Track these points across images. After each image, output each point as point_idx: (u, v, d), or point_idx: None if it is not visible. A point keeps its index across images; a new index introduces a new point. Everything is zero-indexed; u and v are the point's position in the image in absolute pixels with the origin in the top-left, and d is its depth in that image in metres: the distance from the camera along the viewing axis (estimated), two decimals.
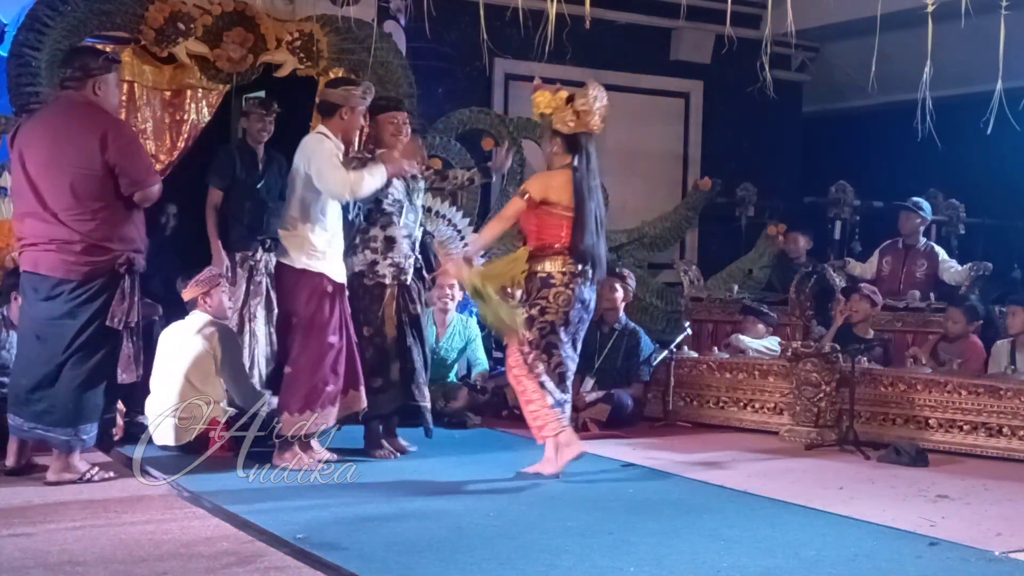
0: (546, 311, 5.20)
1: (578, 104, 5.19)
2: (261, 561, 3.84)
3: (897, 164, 9.84)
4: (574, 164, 5.23)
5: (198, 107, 7.58)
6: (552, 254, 5.22)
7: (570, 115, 5.20)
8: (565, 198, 5.21)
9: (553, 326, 5.21)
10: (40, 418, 4.94)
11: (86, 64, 5.04)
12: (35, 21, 6.62)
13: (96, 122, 4.91)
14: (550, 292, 5.20)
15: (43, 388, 4.94)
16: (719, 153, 10.20)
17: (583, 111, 5.19)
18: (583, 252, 5.21)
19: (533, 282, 5.24)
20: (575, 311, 5.25)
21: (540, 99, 5.24)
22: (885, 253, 8.47)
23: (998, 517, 4.75)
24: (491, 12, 5.72)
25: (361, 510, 4.65)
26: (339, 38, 7.68)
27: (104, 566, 3.75)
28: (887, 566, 3.98)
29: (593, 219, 5.24)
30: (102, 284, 4.93)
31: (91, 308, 4.92)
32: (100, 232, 4.91)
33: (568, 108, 5.19)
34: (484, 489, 5.12)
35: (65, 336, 4.91)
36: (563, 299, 5.20)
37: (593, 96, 5.21)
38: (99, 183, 4.89)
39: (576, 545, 4.11)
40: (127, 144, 4.97)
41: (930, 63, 4.73)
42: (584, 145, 5.26)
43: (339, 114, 5.45)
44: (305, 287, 5.35)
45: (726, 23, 5.62)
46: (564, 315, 5.21)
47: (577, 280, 5.22)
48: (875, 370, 6.66)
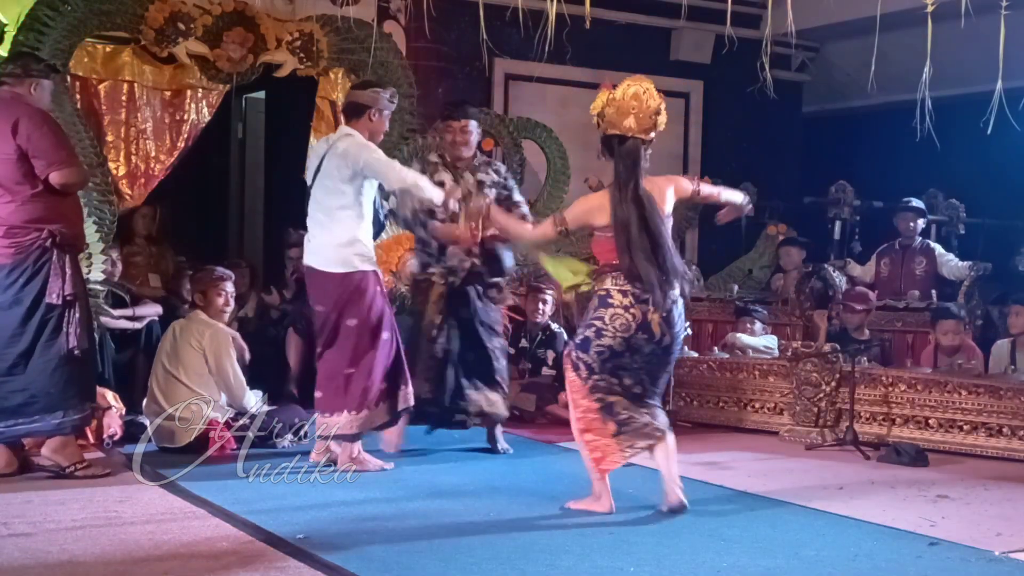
0: (602, 333, 4.56)
1: (606, 100, 4.61)
2: (261, 561, 3.84)
3: (897, 164, 9.83)
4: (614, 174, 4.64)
5: (198, 107, 7.58)
6: (612, 271, 4.61)
7: (599, 114, 4.63)
8: (604, 218, 4.60)
9: (612, 351, 4.56)
10: (19, 412, 4.98)
11: (27, 64, 5.26)
12: (35, 21, 6.61)
13: (11, 111, 5.05)
14: (607, 313, 4.56)
15: (11, 381, 4.99)
16: (719, 153, 10.19)
17: (608, 108, 4.60)
18: (634, 274, 4.54)
19: (593, 299, 4.68)
20: (639, 340, 4.56)
21: (597, 100, 4.68)
22: (883, 255, 8.49)
23: (998, 517, 4.75)
24: (491, 12, 5.72)
25: (361, 510, 4.65)
26: (339, 38, 7.67)
27: (104, 566, 3.75)
28: (887, 566, 3.98)
29: (629, 235, 4.55)
30: (35, 263, 5.01)
31: (34, 289, 5.01)
32: (19, 215, 5.00)
33: (600, 106, 4.63)
34: (484, 489, 5.12)
35: (15, 321, 4.98)
36: (620, 323, 4.54)
37: (626, 91, 4.61)
38: (12, 167, 4.98)
39: (576, 545, 4.11)
40: (38, 127, 5.04)
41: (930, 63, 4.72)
42: (618, 150, 4.61)
43: (367, 115, 5.43)
44: (362, 289, 5.34)
45: (726, 23, 5.61)
46: (624, 341, 4.55)
47: (642, 306, 4.53)
48: (875, 370, 6.66)
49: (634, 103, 4.58)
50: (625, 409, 4.60)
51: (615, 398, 4.60)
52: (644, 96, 4.60)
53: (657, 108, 4.61)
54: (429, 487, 5.12)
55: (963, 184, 9.29)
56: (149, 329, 6.82)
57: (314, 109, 7.86)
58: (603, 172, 5.79)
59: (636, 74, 4.72)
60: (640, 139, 4.61)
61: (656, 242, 4.57)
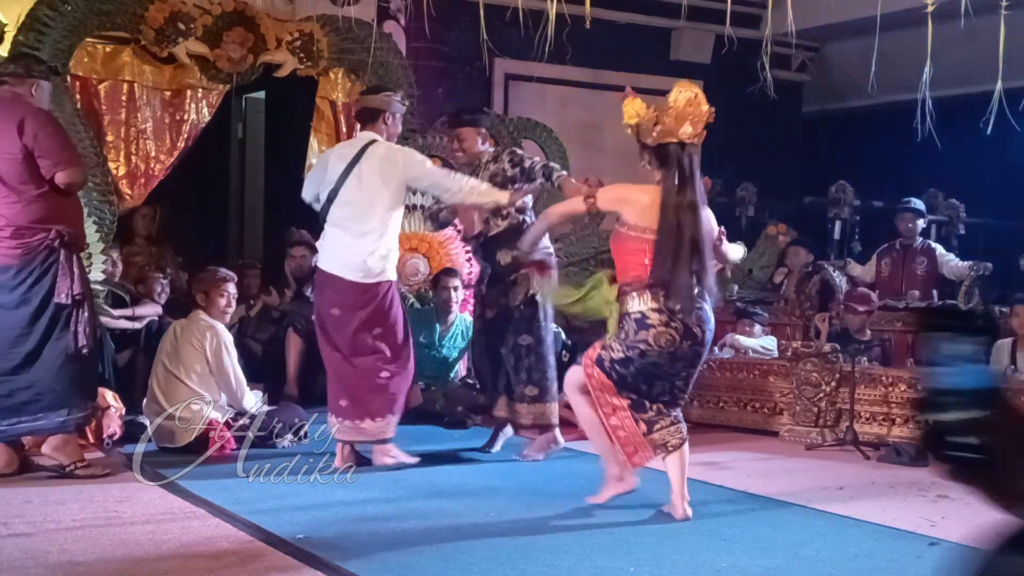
0: (647, 354, 4.47)
1: (658, 108, 4.51)
2: (261, 561, 3.84)
3: (897, 164, 9.83)
4: (665, 179, 4.52)
5: (198, 107, 7.58)
6: (640, 288, 4.47)
7: (651, 123, 4.51)
8: (647, 218, 4.46)
9: (655, 364, 4.50)
10: (22, 410, 4.98)
11: (29, 65, 5.25)
12: (35, 21, 6.61)
13: (16, 110, 5.04)
14: (649, 334, 4.44)
15: (14, 381, 4.99)
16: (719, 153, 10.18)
17: (666, 116, 4.49)
18: (666, 283, 4.43)
19: (627, 324, 4.50)
20: (684, 348, 4.49)
21: (628, 108, 4.58)
22: (883, 256, 8.49)
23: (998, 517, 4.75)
24: (491, 12, 5.72)
25: (361, 510, 4.65)
26: (339, 38, 7.68)
27: (104, 566, 3.75)
28: (887, 566, 3.98)
29: (679, 246, 4.44)
30: (43, 264, 5.00)
31: (42, 289, 5.00)
32: (25, 215, 4.99)
33: (651, 115, 4.52)
34: (484, 489, 5.12)
35: (22, 321, 4.98)
36: (666, 340, 4.44)
37: (679, 97, 4.51)
38: (18, 167, 4.97)
39: (576, 545, 4.11)
40: (43, 127, 5.04)
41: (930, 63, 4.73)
42: (676, 157, 4.50)
43: (382, 119, 5.46)
44: (387, 298, 5.40)
45: (726, 23, 5.61)
46: (670, 355, 4.49)
47: (679, 317, 4.44)
48: (875, 370, 6.66)
49: (689, 109, 4.52)
50: (652, 407, 4.59)
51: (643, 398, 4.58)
52: (696, 100, 4.54)
53: (709, 112, 4.57)
54: (429, 487, 5.12)
55: (963, 184, 9.30)
56: (149, 329, 6.82)
57: (314, 109, 7.87)
58: (603, 172, 5.76)
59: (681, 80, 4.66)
60: (693, 144, 4.57)
61: (699, 256, 4.49)
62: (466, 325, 7.34)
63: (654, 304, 4.45)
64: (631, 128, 4.59)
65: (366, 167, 5.31)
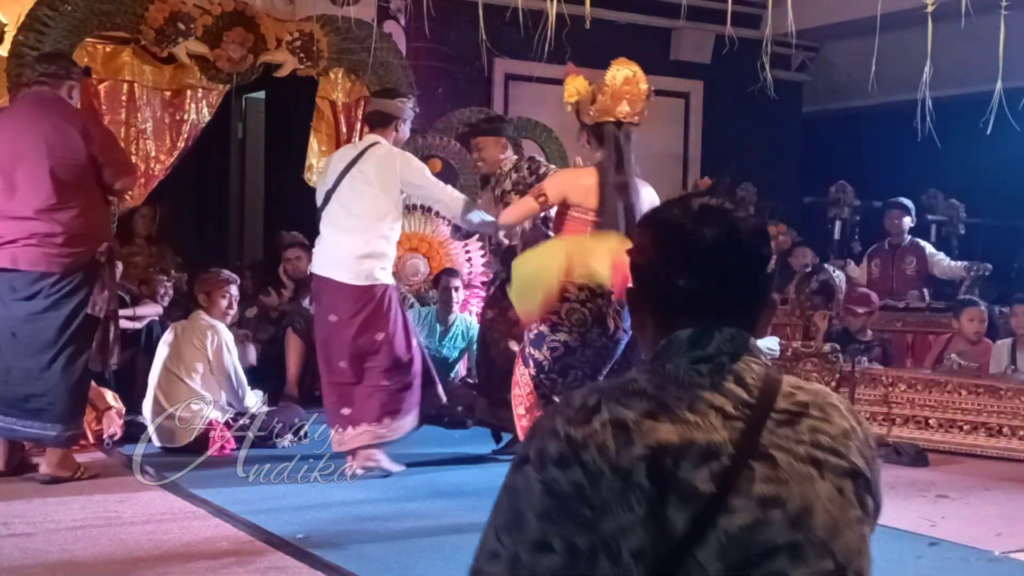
0: (558, 328, 4.43)
1: (596, 86, 4.49)
2: (261, 561, 3.84)
3: (897, 164, 9.82)
4: (602, 161, 4.52)
5: (198, 107, 7.58)
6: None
7: (589, 100, 4.50)
8: (590, 200, 4.47)
9: (568, 347, 4.45)
10: (37, 416, 4.93)
11: (68, 67, 5.20)
12: (35, 21, 6.61)
13: (75, 115, 5.04)
14: (563, 307, 4.41)
15: (32, 385, 4.93)
16: (719, 153, 10.20)
17: (603, 95, 4.46)
18: None
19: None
20: (594, 335, 4.45)
21: (570, 86, 4.57)
22: (873, 256, 8.52)
23: (998, 517, 4.75)
24: (491, 12, 5.72)
25: (361, 510, 4.65)
26: (339, 38, 7.67)
27: (104, 566, 3.75)
28: (887, 566, 3.98)
29: (621, 224, 4.42)
30: (83, 275, 4.97)
31: (74, 300, 4.97)
32: (79, 223, 4.95)
33: (588, 93, 4.50)
34: (484, 489, 5.11)
35: (48, 330, 4.92)
36: (577, 318, 4.41)
37: (616, 76, 4.48)
38: (80, 174, 4.95)
39: None
40: (108, 135, 5.07)
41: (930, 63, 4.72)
42: (612, 136, 4.49)
43: (394, 126, 5.42)
44: (384, 302, 5.26)
45: (726, 23, 5.61)
46: (580, 336, 4.43)
47: (598, 300, 4.41)
48: (875, 370, 6.66)
49: (626, 87, 4.50)
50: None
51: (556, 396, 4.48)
52: (635, 79, 4.52)
53: (648, 91, 4.56)
54: (429, 487, 5.12)
55: (963, 184, 9.29)
56: (149, 329, 6.82)
57: (314, 109, 7.86)
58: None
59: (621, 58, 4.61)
60: (632, 124, 4.56)
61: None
62: (466, 325, 7.34)
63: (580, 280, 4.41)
64: (571, 106, 4.60)
65: (364, 167, 5.27)
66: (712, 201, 1.53)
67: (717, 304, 1.50)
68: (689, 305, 1.50)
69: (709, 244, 1.49)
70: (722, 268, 1.50)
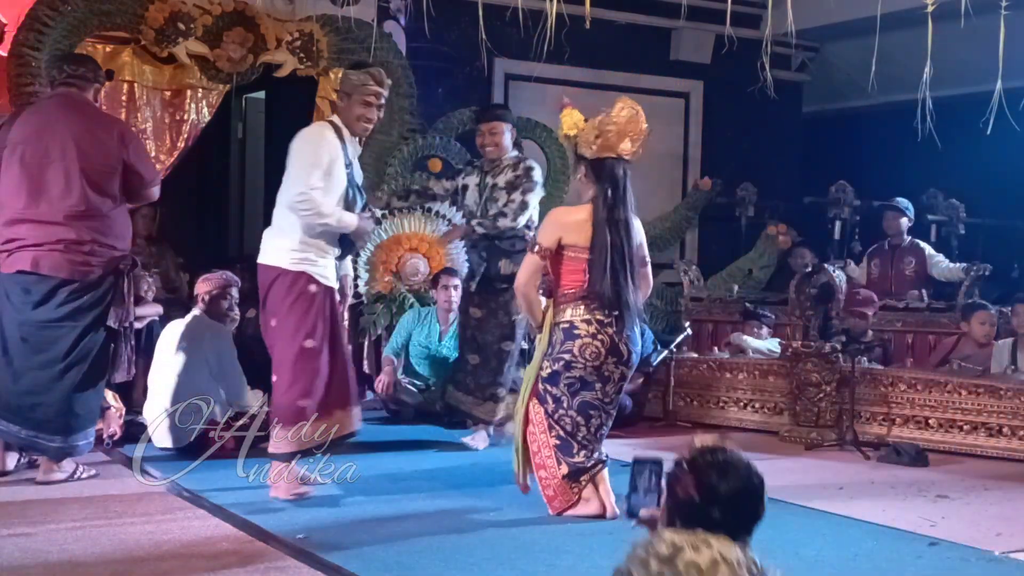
0: (572, 366, 4.48)
1: (600, 122, 4.50)
2: (261, 561, 3.84)
3: (897, 164, 9.82)
4: (598, 196, 4.52)
5: (198, 107, 7.58)
6: (573, 300, 4.51)
7: (593, 135, 4.51)
8: (583, 237, 4.49)
9: (584, 382, 4.51)
10: (41, 427, 4.84)
11: (96, 70, 5.12)
12: (35, 21, 6.61)
13: (110, 119, 5.00)
14: (575, 344, 4.47)
15: (39, 394, 4.83)
16: (719, 153, 10.20)
17: (608, 131, 4.48)
18: (604, 297, 4.45)
19: (555, 334, 4.54)
20: (609, 365, 4.50)
21: (567, 119, 4.61)
22: (873, 256, 8.53)
23: (998, 517, 4.75)
24: (491, 12, 5.72)
25: (361, 510, 4.65)
26: (339, 38, 7.68)
27: (104, 566, 3.75)
28: (887, 566, 3.98)
29: (614, 258, 4.46)
30: (105, 287, 4.90)
31: (94, 311, 4.89)
32: (105, 231, 4.89)
33: (591, 127, 4.52)
34: (484, 489, 5.12)
35: (65, 340, 4.83)
36: (591, 352, 4.46)
37: (621, 113, 4.50)
38: (111, 179, 4.90)
39: (576, 545, 4.11)
40: (139, 141, 5.07)
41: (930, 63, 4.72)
42: (611, 172, 4.51)
43: (339, 98, 5.02)
44: (285, 287, 4.80)
45: (726, 23, 5.61)
46: (595, 370, 4.48)
47: (608, 330, 4.47)
48: (875, 370, 6.66)
49: (631, 127, 4.52)
50: (581, 449, 4.55)
51: (573, 440, 4.55)
52: (637, 118, 4.55)
53: (647, 131, 4.59)
54: (429, 487, 5.12)
55: (963, 184, 9.29)
56: (149, 329, 6.81)
57: (314, 109, 7.86)
58: None
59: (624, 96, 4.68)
60: (627, 162, 4.58)
61: (630, 263, 4.51)
62: None
63: (586, 315, 4.48)
64: (569, 139, 4.62)
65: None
66: (731, 457, 2.42)
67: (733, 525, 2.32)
68: (713, 525, 2.29)
69: (731, 493, 2.35)
70: (740, 505, 2.36)
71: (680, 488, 2.34)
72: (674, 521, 2.35)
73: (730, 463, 2.38)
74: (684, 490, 2.33)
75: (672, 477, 2.39)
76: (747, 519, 2.36)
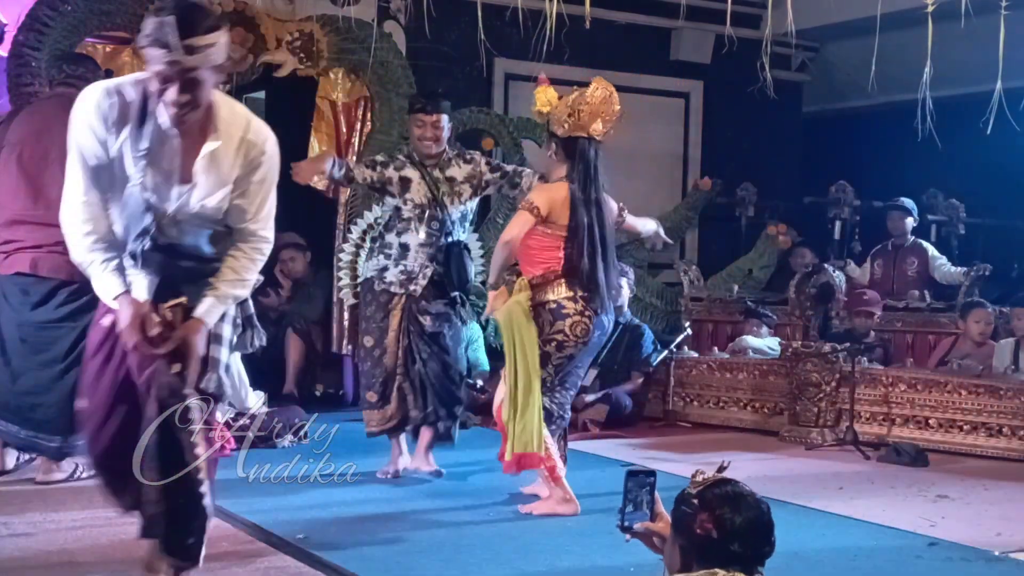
0: (564, 345, 4.57)
1: (574, 101, 4.55)
2: (261, 561, 3.85)
3: (897, 164, 9.82)
4: (571, 175, 4.60)
5: None
6: (556, 280, 4.57)
7: (566, 114, 4.55)
8: (564, 215, 4.57)
9: (572, 359, 4.64)
10: (40, 427, 4.81)
11: (96, 70, 5.10)
12: (35, 21, 6.61)
13: None
14: (565, 324, 4.55)
15: (39, 395, 4.81)
16: (719, 153, 10.19)
17: (581, 110, 4.53)
18: (583, 276, 4.55)
19: (543, 315, 4.55)
20: (595, 337, 4.65)
21: (540, 96, 4.63)
22: (876, 256, 8.53)
23: (998, 517, 4.76)
24: (491, 12, 5.73)
25: (361, 510, 4.65)
26: (339, 38, 7.67)
27: (104, 566, 3.75)
28: (887, 566, 3.99)
29: (591, 238, 4.57)
30: None
31: (94, 312, 4.86)
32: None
33: (564, 106, 4.56)
34: (484, 489, 5.12)
35: (64, 340, 4.79)
36: (581, 329, 4.55)
37: (595, 93, 4.56)
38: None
39: (576, 545, 4.11)
40: None
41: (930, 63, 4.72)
42: (583, 152, 4.59)
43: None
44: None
45: (726, 23, 5.61)
46: (584, 346, 4.62)
47: (593, 306, 4.59)
48: (875, 370, 6.66)
49: (603, 107, 4.59)
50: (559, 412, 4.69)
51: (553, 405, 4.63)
52: (611, 99, 4.61)
53: (619, 113, 4.66)
54: (429, 487, 5.12)
55: (963, 184, 9.30)
56: None
57: (314, 109, 7.86)
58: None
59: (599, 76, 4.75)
60: (599, 143, 4.65)
61: (603, 244, 4.61)
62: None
63: (568, 292, 4.56)
64: (542, 116, 4.68)
65: None
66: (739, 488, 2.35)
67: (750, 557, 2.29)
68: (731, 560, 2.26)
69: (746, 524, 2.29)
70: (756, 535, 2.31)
71: (696, 527, 2.29)
72: (690, 564, 2.29)
73: (739, 494, 2.32)
74: (701, 528, 2.28)
75: (683, 517, 2.33)
76: (761, 550, 2.33)
